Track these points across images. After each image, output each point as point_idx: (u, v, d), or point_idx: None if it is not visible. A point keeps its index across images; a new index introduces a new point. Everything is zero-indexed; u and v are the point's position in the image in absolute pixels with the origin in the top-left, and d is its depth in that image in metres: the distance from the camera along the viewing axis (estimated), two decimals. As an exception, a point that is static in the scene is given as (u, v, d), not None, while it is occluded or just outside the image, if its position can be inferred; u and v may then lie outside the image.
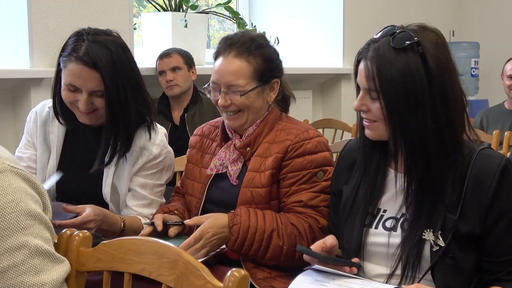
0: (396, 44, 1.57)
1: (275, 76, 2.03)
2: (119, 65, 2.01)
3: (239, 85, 1.94)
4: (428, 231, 1.58)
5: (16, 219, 1.21)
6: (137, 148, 2.12)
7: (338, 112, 5.15)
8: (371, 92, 1.60)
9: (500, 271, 1.58)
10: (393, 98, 1.57)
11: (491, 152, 1.64)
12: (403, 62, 1.56)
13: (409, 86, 1.55)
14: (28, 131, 2.23)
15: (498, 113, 4.43)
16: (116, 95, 2.00)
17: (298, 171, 1.93)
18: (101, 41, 2.01)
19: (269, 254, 1.88)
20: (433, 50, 1.57)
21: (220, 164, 2.05)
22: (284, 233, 1.88)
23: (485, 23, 6.33)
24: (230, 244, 1.87)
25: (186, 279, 1.24)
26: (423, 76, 1.56)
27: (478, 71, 5.94)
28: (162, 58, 3.69)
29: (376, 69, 1.57)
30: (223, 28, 5.53)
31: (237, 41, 1.97)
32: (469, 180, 1.58)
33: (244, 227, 1.86)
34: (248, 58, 1.96)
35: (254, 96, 1.97)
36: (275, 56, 2.05)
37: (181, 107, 3.72)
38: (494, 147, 3.79)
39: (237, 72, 1.94)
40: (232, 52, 1.96)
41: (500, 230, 1.57)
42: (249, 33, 2.05)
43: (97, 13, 3.39)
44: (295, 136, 1.96)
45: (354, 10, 5.19)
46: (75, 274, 1.39)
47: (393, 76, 1.56)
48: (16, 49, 3.18)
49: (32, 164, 2.21)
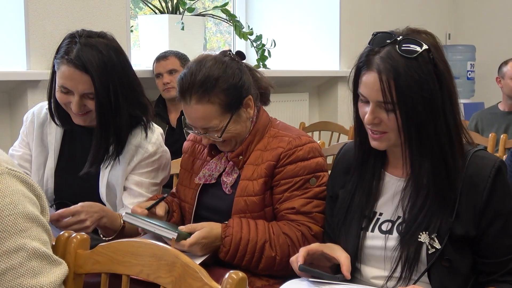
0: (406, 53, 1.54)
1: (245, 96, 1.96)
2: (110, 68, 2.01)
3: (213, 127, 1.92)
4: (424, 234, 1.58)
5: (14, 222, 1.22)
6: (133, 147, 2.13)
7: (334, 114, 5.15)
8: (386, 104, 1.56)
9: (495, 272, 1.59)
10: (410, 108, 1.54)
11: (485, 154, 1.65)
12: (417, 71, 1.53)
13: (426, 95, 1.53)
14: (24, 131, 2.24)
15: (492, 115, 4.43)
16: (106, 98, 2.01)
17: (291, 178, 1.92)
18: (93, 44, 2.01)
19: (262, 265, 1.88)
20: (438, 54, 1.57)
21: (209, 175, 2.04)
22: (276, 243, 1.87)
23: (481, 26, 6.35)
24: (222, 255, 1.86)
25: (184, 281, 1.24)
26: (436, 82, 1.55)
27: (474, 74, 5.96)
28: (159, 60, 3.69)
29: (393, 82, 1.53)
30: (219, 30, 5.54)
31: (193, 84, 1.88)
32: (463, 182, 1.58)
33: (236, 238, 1.85)
34: (210, 99, 1.88)
35: (233, 126, 1.95)
36: (237, 77, 1.94)
37: (178, 110, 3.71)
38: (490, 150, 3.79)
39: (205, 117, 1.90)
40: (192, 99, 1.89)
41: (494, 232, 1.57)
42: (201, 66, 1.92)
43: (94, 15, 3.39)
44: (287, 143, 1.94)
45: (351, 13, 5.20)
46: (73, 276, 1.39)
47: (410, 87, 1.53)
48: (13, 51, 3.18)
49: (23, 163, 2.22)
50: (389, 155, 1.71)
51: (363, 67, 1.60)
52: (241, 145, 1.99)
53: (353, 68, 1.65)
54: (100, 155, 2.08)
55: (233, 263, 1.87)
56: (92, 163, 2.09)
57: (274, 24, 5.16)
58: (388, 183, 1.69)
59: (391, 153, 1.70)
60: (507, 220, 1.58)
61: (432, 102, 1.54)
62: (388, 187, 1.69)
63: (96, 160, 2.09)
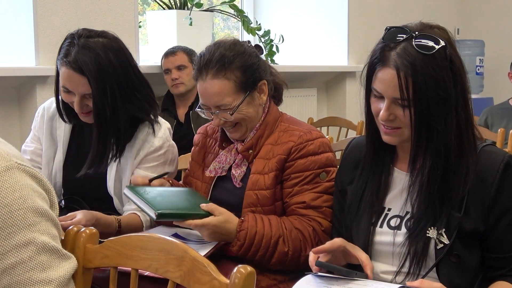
0: (423, 49, 1.52)
1: (260, 78, 1.98)
2: (107, 69, 2.01)
3: (227, 104, 1.93)
4: (432, 229, 1.57)
5: (24, 216, 1.22)
6: (139, 141, 2.13)
7: (343, 110, 5.15)
8: (402, 101, 1.54)
9: (504, 267, 1.59)
10: (425, 106, 1.53)
11: (494, 149, 1.63)
12: (435, 69, 1.51)
13: (441, 92, 1.52)
14: (36, 125, 2.27)
15: (503, 110, 4.42)
16: (104, 100, 2.01)
17: (301, 172, 1.93)
18: (90, 45, 2.02)
19: (275, 260, 1.88)
20: (452, 50, 1.55)
21: (219, 168, 2.05)
22: (289, 238, 1.87)
23: (490, 21, 6.32)
24: (235, 249, 1.87)
25: (192, 276, 1.24)
26: (451, 79, 1.53)
27: (483, 69, 5.93)
28: (167, 56, 3.69)
29: (411, 79, 1.51)
30: (227, 26, 5.53)
31: (211, 60, 1.92)
32: (472, 177, 1.57)
33: (251, 233, 1.86)
34: (226, 75, 1.91)
35: (246, 107, 1.96)
36: (254, 59, 1.99)
37: (186, 105, 3.72)
38: (499, 145, 3.77)
39: (220, 92, 1.92)
40: (209, 74, 1.92)
41: (503, 227, 1.57)
42: (221, 45, 1.97)
43: (102, 11, 3.40)
44: (298, 137, 1.95)
45: (359, 8, 5.18)
46: (82, 270, 1.39)
47: (427, 85, 1.51)
48: (22, 47, 3.19)
49: (35, 158, 2.24)
50: (398, 150, 1.70)
51: (378, 63, 1.57)
52: (251, 139, 2.00)
53: (366, 64, 1.63)
54: (99, 157, 2.09)
55: (246, 257, 1.87)
56: (91, 164, 2.09)
57: (282, 19, 5.15)
58: (396, 178, 1.69)
59: (401, 148, 1.69)
60: None
61: (447, 100, 1.53)
62: (396, 182, 1.69)
63: (95, 162, 2.09)
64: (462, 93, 1.56)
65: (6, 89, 3.20)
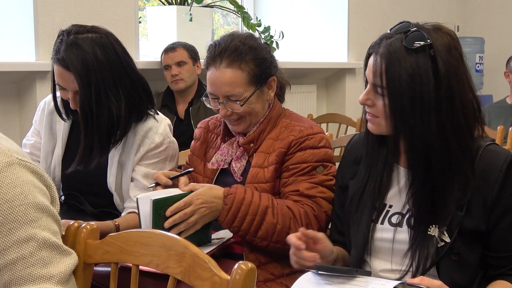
0: (408, 43, 1.54)
1: (271, 74, 2.00)
2: (93, 66, 2.01)
3: (237, 95, 1.92)
4: (434, 227, 1.58)
5: (24, 212, 1.22)
6: (140, 137, 2.13)
7: (342, 106, 5.14)
8: (377, 88, 1.58)
9: (504, 266, 1.59)
10: (398, 97, 1.55)
11: (497, 148, 1.63)
12: (412, 63, 1.54)
13: (416, 87, 1.53)
14: (36, 119, 2.28)
15: (500, 108, 4.43)
16: (89, 96, 2.01)
17: (299, 164, 1.93)
18: (78, 42, 2.01)
19: (262, 232, 1.85)
20: (444, 54, 1.55)
21: (221, 160, 2.05)
22: (279, 212, 1.86)
23: (490, 18, 6.31)
24: (223, 214, 1.84)
25: (193, 272, 1.24)
26: (431, 79, 1.54)
27: (482, 66, 5.93)
28: (167, 52, 3.69)
29: (385, 66, 1.55)
30: (227, 22, 5.53)
31: (226, 49, 1.93)
32: (475, 176, 1.57)
33: (239, 198, 1.84)
34: (241, 65, 1.92)
35: (254, 101, 1.96)
36: (267, 54, 2.00)
37: (186, 101, 3.72)
38: (498, 142, 3.78)
39: (232, 82, 1.92)
40: (223, 62, 1.92)
41: (504, 226, 1.57)
42: (236, 36, 1.98)
43: (102, 6, 3.40)
44: (298, 132, 1.96)
45: (359, 4, 5.18)
46: (83, 266, 1.40)
47: (400, 75, 1.54)
48: (22, 42, 3.19)
49: (35, 152, 2.25)
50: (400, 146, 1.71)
51: (372, 51, 1.62)
52: (253, 133, 2.00)
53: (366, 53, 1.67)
54: (87, 153, 2.08)
55: (233, 225, 1.85)
56: (80, 161, 2.09)
57: (282, 16, 5.15)
58: (398, 175, 1.69)
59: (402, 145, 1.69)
60: None
61: (421, 97, 1.53)
62: (398, 179, 1.69)
63: (83, 158, 2.08)
64: (448, 99, 1.55)
65: (6, 84, 3.20)
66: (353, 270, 1.52)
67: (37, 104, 2.31)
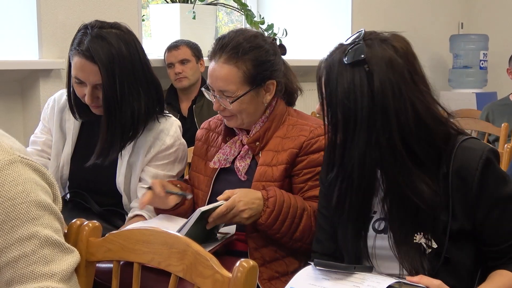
0: (346, 58, 1.53)
1: (269, 77, 1.98)
2: (118, 60, 2.02)
3: (229, 91, 1.93)
4: (419, 235, 1.55)
5: (26, 210, 1.23)
6: (151, 138, 2.13)
7: (345, 104, 5.13)
8: (323, 100, 1.58)
9: (503, 257, 1.57)
10: (334, 112, 1.55)
11: (472, 144, 1.57)
12: (348, 78, 1.52)
13: (350, 105, 1.51)
14: (45, 117, 2.27)
15: (503, 106, 4.42)
16: (113, 90, 2.01)
17: (314, 167, 1.94)
18: (103, 35, 2.02)
19: (298, 233, 1.88)
20: (381, 69, 1.51)
21: (224, 159, 2.05)
22: (312, 215, 1.89)
23: (494, 15, 6.29)
24: (264, 217, 1.85)
25: (195, 269, 1.25)
26: (365, 94, 1.51)
27: (486, 63, 5.91)
28: (170, 50, 3.69)
29: (324, 80, 1.56)
30: (231, 20, 5.52)
31: (228, 44, 1.94)
32: (452, 177, 1.54)
33: (280, 200, 1.86)
34: (237, 63, 1.93)
35: (247, 101, 1.96)
36: (270, 57, 1.99)
37: (189, 99, 3.72)
38: (502, 139, 3.78)
39: (227, 78, 1.93)
40: (222, 57, 1.94)
41: (494, 219, 1.54)
42: (241, 34, 1.99)
43: (106, 5, 3.39)
44: (309, 132, 1.96)
45: (363, 2, 5.17)
46: (85, 264, 1.40)
47: (337, 90, 1.53)
48: (25, 40, 3.19)
49: (46, 149, 2.25)
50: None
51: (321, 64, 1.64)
52: (258, 131, 2.00)
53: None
54: (107, 146, 2.08)
55: (272, 228, 1.87)
56: (99, 155, 2.09)
57: (286, 13, 5.14)
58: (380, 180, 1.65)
59: None
60: (505, 206, 1.55)
61: (354, 113, 1.51)
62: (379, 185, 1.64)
63: (103, 152, 2.09)
64: (382, 114, 1.51)
65: (9, 82, 3.20)
66: (351, 267, 1.52)
67: (40, 102, 2.32)
